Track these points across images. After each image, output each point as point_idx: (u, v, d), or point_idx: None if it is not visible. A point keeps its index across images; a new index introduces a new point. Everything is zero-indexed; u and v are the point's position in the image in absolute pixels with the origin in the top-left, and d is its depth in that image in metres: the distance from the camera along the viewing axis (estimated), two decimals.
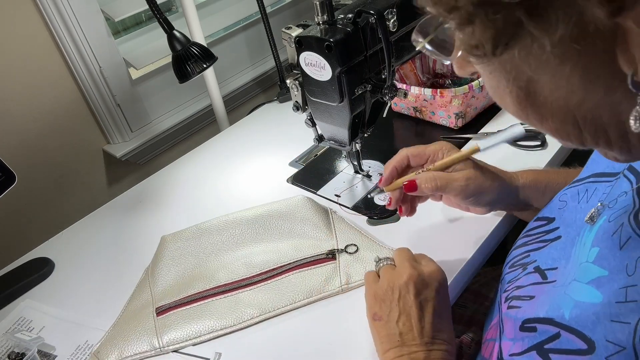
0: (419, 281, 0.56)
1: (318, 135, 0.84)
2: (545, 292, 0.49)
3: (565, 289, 0.45)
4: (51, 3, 0.97)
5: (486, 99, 0.96)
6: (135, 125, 1.19)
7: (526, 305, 0.50)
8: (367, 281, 0.61)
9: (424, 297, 0.55)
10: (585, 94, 0.30)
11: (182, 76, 0.93)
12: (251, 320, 0.67)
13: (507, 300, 0.54)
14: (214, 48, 1.27)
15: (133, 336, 0.67)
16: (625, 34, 0.25)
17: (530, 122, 0.34)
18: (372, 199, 0.83)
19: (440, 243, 0.72)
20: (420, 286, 0.56)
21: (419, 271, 0.57)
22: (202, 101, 1.31)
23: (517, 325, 0.49)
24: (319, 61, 0.69)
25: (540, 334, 0.45)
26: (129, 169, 1.24)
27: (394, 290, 0.56)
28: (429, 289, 0.56)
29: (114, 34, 1.12)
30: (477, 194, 0.65)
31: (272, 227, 0.79)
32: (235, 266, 0.75)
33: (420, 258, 0.61)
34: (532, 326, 0.46)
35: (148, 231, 0.89)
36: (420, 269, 0.58)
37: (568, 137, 0.34)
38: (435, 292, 0.56)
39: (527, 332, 0.47)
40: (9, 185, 0.79)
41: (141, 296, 0.74)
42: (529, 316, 0.47)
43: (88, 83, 1.08)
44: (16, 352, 0.70)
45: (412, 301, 0.55)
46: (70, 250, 0.89)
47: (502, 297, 0.56)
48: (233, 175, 0.99)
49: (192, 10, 1.08)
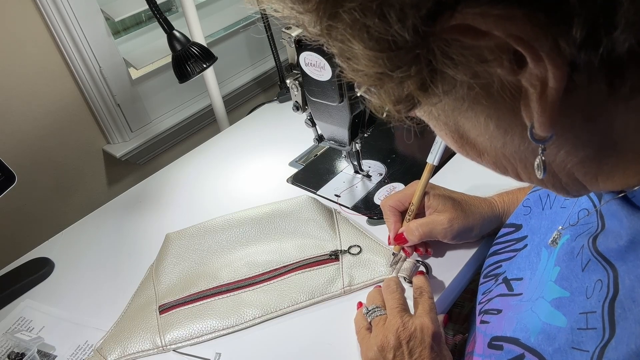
0: (412, 339, 0.53)
1: (318, 135, 0.84)
2: (513, 308, 0.49)
3: (532, 305, 0.45)
4: (51, 3, 0.97)
5: None
6: (135, 125, 1.19)
7: (494, 321, 0.50)
8: (358, 332, 0.60)
9: (419, 355, 0.53)
10: (505, 139, 0.30)
11: (182, 76, 0.93)
12: (253, 320, 0.67)
13: (480, 314, 0.54)
14: (214, 48, 1.27)
15: (136, 334, 0.68)
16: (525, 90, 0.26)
17: (472, 158, 0.35)
18: (372, 199, 0.83)
19: (440, 243, 0.72)
20: (413, 344, 0.53)
21: (412, 328, 0.54)
22: (202, 101, 1.31)
23: (486, 341, 0.49)
24: (319, 61, 0.69)
25: (506, 353, 0.45)
26: (129, 169, 1.24)
27: (387, 352, 0.53)
28: (421, 347, 0.53)
29: (114, 34, 1.12)
30: (462, 232, 0.65)
31: (276, 227, 0.79)
32: (238, 265, 0.75)
33: (417, 303, 0.59)
34: (499, 344, 0.46)
35: (148, 231, 0.89)
36: (412, 324, 0.54)
37: (506, 172, 0.34)
38: (430, 349, 0.53)
39: (494, 350, 0.47)
40: (9, 185, 0.79)
41: (145, 293, 0.75)
42: (497, 334, 0.47)
43: (88, 83, 1.08)
44: (16, 352, 0.70)
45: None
46: (70, 250, 0.89)
47: (477, 310, 0.56)
48: (233, 175, 0.99)
49: (192, 10, 1.08)
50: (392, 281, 0.62)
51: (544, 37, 0.22)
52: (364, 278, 0.69)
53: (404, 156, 0.93)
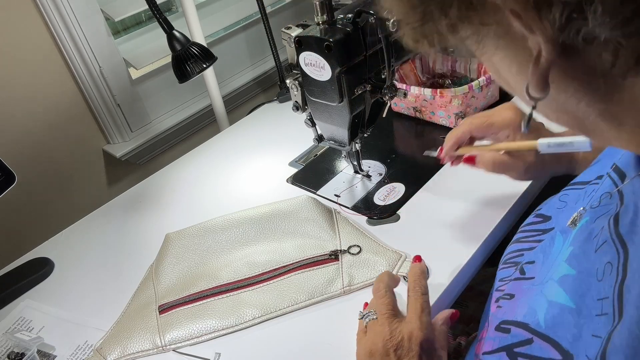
0: (399, 349, 0.53)
1: (318, 135, 0.84)
2: (524, 292, 0.49)
3: (542, 287, 0.45)
4: (51, 3, 0.97)
5: (486, 99, 0.96)
6: (135, 125, 1.19)
7: (506, 306, 0.50)
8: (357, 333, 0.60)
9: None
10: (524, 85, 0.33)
11: (182, 76, 0.93)
12: (252, 320, 0.67)
13: (496, 301, 0.54)
14: (214, 48, 1.27)
15: (136, 333, 0.68)
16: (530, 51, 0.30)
17: None
18: (372, 199, 0.83)
19: (440, 243, 0.72)
20: (400, 353, 0.53)
21: (399, 337, 0.54)
22: (202, 101, 1.31)
23: (495, 324, 0.49)
24: (319, 61, 0.69)
25: (512, 336, 0.45)
26: (129, 169, 1.24)
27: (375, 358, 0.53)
28: (409, 356, 0.53)
29: (114, 34, 1.12)
30: (534, 178, 0.68)
31: (275, 227, 0.79)
32: (238, 265, 0.75)
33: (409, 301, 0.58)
34: (507, 327, 0.46)
35: (148, 231, 0.89)
36: (399, 333, 0.54)
37: (573, 128, 0.36)
38: (418, 357, 0.52)
39: (501, 333, 0.47)
40: (9, 185, 0.79)
41: (145, 293, 0.75)
42: (507, 318, 0.47)
43: (88, 83, 1.08)
44: (16, 352, 0.70)
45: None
46: (70, 250, 0.89)
47: (492, 297, 0.56)
48: (233, 175, 0.99)
49: (192, 10, 1.08)
50: (381, 283, 0.60)
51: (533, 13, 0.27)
52: (364, 278, 0.69)
53: (404, 156, 0.93)
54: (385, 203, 0.82)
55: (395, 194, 0.83)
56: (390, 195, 0.83)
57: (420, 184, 0.84)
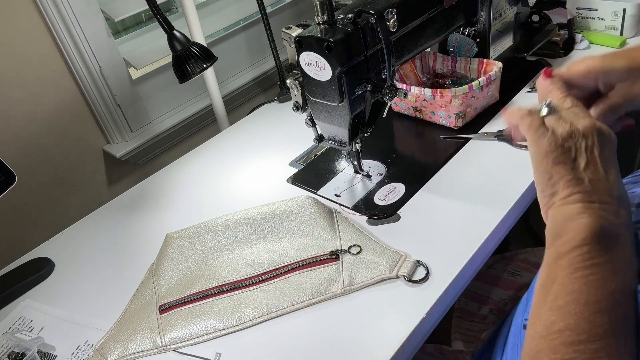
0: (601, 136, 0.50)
1: (318, 135, 0.84)
2: None
3: None
4: (51, 3, 0.97)
5: (486, 99, 0.96)
6: (135, 125, 1.19)
7: None
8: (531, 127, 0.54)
9: (607, 153, 0.50)
10: None
11: (182, 76, 0.93)
12: (253, 320, 0.67)
13: None
14: (214, 48, 1.27)
15: (136, 333, 0.68)
16: None
17: None
18: (373, 199, 0.83)
19: (440, 243, 0.72)
20: (602, 141, 0.50)
21: (599, 125, 0.51)
22: (202, 101, 1.31)
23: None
24: (319, 61, 0.69)
25: None
26: (129, 169, 1.24)
27: (578, 139, 0.50)
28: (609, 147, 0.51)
29: (114, 34, 1.12)
30: None
31: (276, 227, 0.79)
32: (238, 265, 0.75)
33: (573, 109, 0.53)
34: None
35: (148, 231, 0.89)
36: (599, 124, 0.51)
37: None
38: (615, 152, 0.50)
39: None
40: (9, 185, 0.79)
41: (145, 293, 0.75)
42: None
43: (88, 83, 1.08)
44: (16, 352, 0.70)
45: (598, 153, 0.50)
46: (70, 250, 0.89)
47: None
48: (233, 175, 0.99)
49: (192, 10, 1.08)
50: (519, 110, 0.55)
51: None
52: (364, 278, 0.69)
53: (404, 156, 0.93)
54: (386, 203, 0.82)
55: (395, 194, 0.83)
56: (391, 195, 0.83)
57: (420, 184, 0.84)
